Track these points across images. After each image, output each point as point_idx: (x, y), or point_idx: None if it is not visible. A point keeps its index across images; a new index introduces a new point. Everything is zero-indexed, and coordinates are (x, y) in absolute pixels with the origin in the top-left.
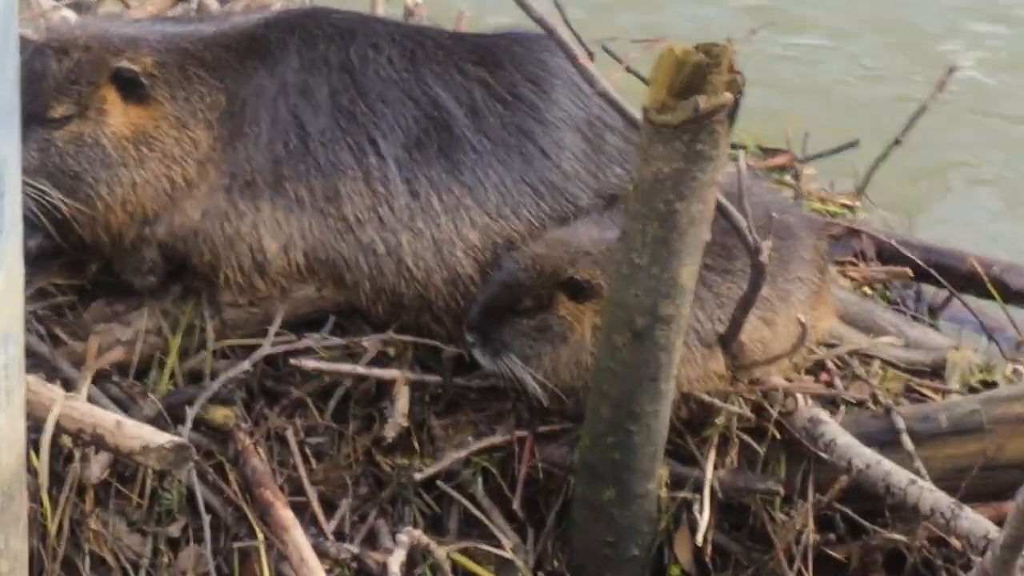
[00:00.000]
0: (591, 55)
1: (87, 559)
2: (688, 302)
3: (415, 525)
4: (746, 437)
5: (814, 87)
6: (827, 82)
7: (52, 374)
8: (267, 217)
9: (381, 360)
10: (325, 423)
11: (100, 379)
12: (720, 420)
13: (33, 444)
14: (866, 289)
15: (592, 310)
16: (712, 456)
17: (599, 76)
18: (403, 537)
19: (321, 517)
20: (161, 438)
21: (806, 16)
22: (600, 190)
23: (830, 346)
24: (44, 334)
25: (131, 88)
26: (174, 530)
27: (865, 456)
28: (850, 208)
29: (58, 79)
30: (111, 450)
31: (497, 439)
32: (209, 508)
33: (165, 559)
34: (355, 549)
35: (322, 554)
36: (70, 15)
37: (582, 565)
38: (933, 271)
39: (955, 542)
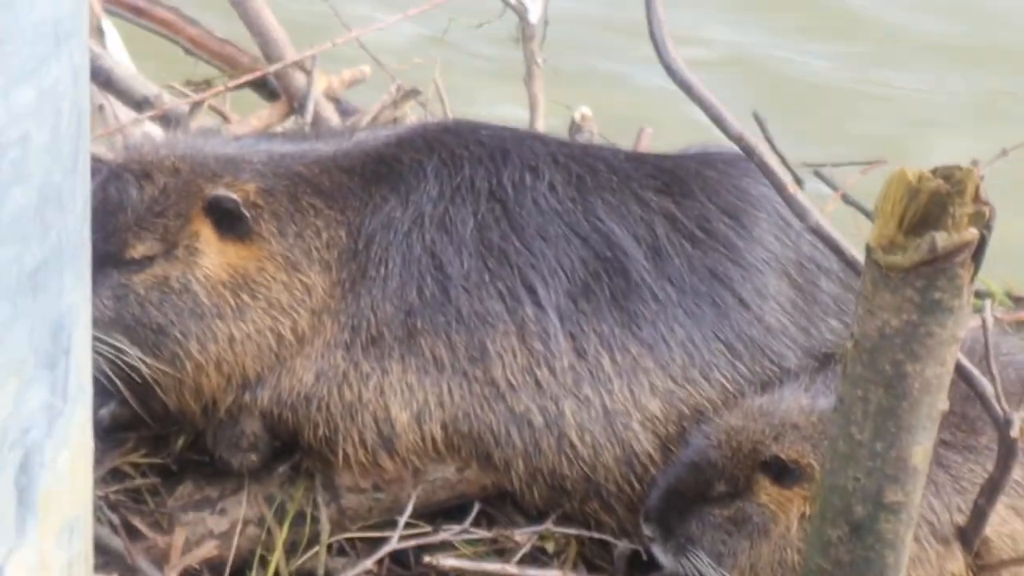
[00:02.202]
0: (799, 181)
1: None
2: (920, 487)
3: None
4: None
5: None
6: None
7: (128, 574)
8: (396, 380)
9: (537, 557)
10: None
11: None
12: None
13: None
14: None
15: (801, 497)
16: None
17: (812, 208)
18: None
19: None
20: None
21: None
22: (811, 348)
23: None
24: (118, 524)
25: (230, 221)
26: None
27: None
28: None
29: (139, 210)
30: None
31: None
32: None
33: None
34: None
35: None
36: (155, 131)
37: None
38: None
39: None
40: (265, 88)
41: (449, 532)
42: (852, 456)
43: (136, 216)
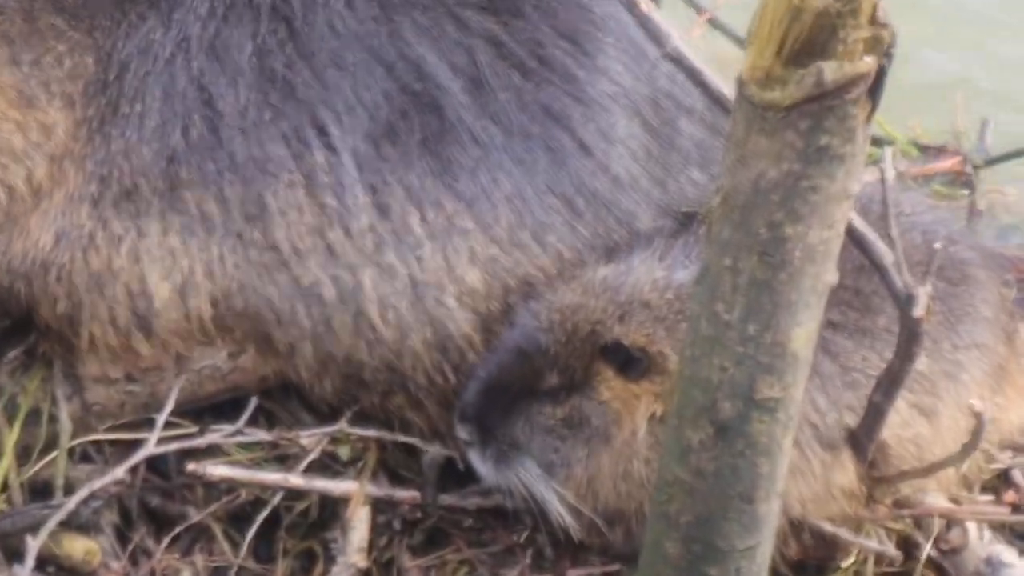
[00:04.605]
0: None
1: None
2: (802, 380)
3: None
4: None
5: (997, 51)
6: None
7: None
8: (155, 244)
9: (328, 465)
10: (240, 562)
11: None
12: (849, 562)
13: None
14: None
15: (651, 392)
16: None
17: (671, 31)
18: None
19: None
20: None
21: None
22: (669, 205)
23: (1020, 450)
24: None
25: None
26: None
27: None
28: None
29: None
30: None
31: None
32: None
33: None
34: None
35: None
36: None
37: None
38: None
39: None
40: None
41: (219, 433)
42: (718, 340)
43: None
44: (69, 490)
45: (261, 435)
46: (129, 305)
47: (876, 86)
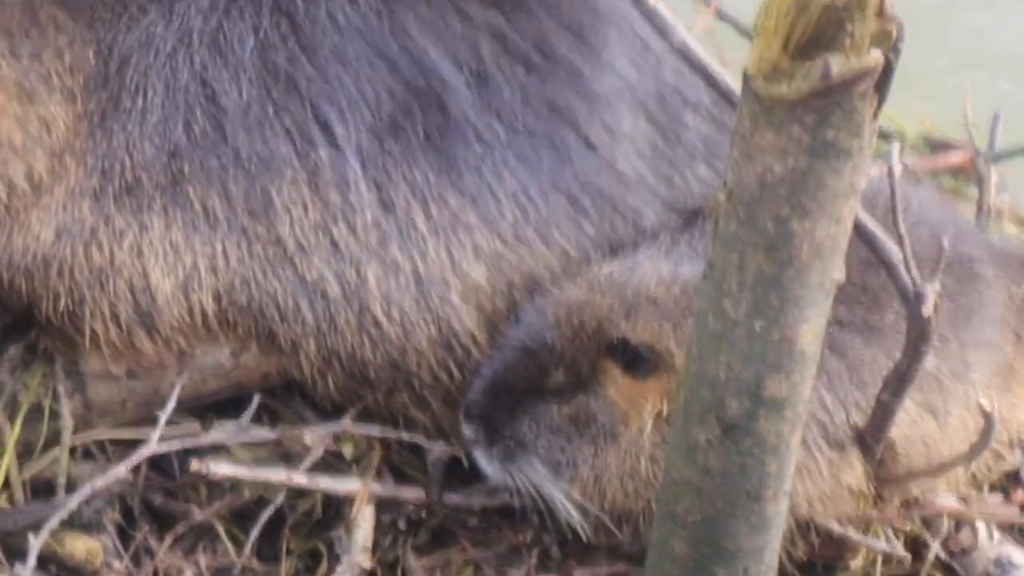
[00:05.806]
0: None
1: None
2: (810, 377)
3: None
4: None
5: (1010, 43)
6: None
7: None
8: (158, 239)
9: (332, 464)
10: (244, 562)
11: None
12: (857, 562)
13: None
14: None
15: (658, 390)
16: None
17: (677, 24)
18: None
19: None
20: None
21: None
22: (675, 201)
23: None
24: None
25: None
26: None
27: None
28: None
29: None
30: None
31: None
32: None
33: None
34: None
35: None
36: None
37: None
38: None
39: None
40: None
41: (222, 432)
42: (725, 337)
43: None
44: (71, 488)
45: (264, 433)
46: (131, 301)
47: (883, 80)
